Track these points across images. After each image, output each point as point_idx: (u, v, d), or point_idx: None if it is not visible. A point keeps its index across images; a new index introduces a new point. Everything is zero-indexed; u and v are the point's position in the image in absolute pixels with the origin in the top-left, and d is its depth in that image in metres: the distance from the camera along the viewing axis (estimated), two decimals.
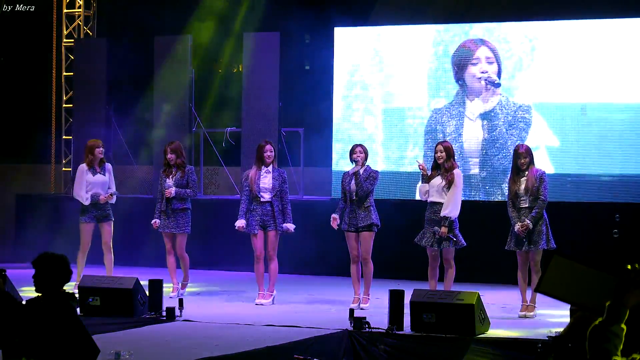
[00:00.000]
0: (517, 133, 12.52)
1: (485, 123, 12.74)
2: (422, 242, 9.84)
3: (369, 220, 9.96)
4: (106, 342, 7.58)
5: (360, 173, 10.03)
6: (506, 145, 12.48)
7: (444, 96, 12.97)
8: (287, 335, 8.25)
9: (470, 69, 12.79)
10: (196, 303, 10.19)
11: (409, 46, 13.19)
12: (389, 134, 13.11)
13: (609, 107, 12.22)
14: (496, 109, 12.67)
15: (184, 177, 10.72)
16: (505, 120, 12.62)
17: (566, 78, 12.40)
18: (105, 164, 11.12)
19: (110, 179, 11.12)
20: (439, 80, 13.02)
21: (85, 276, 9.81)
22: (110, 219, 11.09)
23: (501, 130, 12.63)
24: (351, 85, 13.43)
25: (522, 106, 12.55)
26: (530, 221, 9.46)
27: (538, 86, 12.52)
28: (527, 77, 12.60)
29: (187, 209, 10.75)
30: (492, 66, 12.71)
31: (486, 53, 12.75)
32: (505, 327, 8.83)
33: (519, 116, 12.55)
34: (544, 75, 12.50)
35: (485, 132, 12.72)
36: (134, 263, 13.14)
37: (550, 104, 12.48)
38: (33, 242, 14.46)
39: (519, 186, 9.60)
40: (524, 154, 9.64)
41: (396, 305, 8.46)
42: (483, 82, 12.68)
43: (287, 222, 10.24)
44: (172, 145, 10.86)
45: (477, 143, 12.75)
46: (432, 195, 9.81)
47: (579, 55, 12.36)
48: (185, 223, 10.72)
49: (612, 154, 12.21)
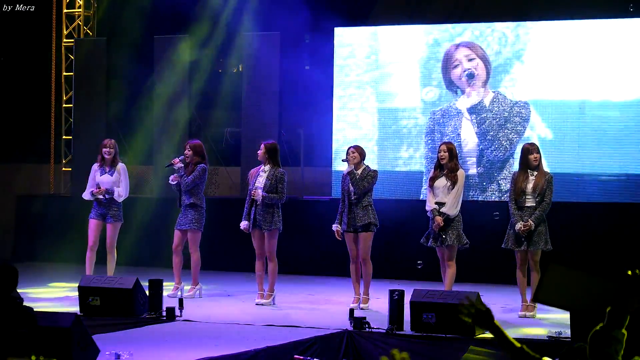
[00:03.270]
0: (512, 127, 12.53)
1: (478, 120, 12.75)
2: (428, 243, 9.84)
3: (367, 220, 9.93)
4: (106, 342, 7.60)
5: (356, 173, 10.02)
6: (500, 142, 12.49)
7: (442, 96, 12.99)
8: (287, 335, 8.26)
9: (454, 72, 12.87)
10: (196, 303, 10.19)
11: (409, 46, 13.20)
12: (389, 133, 13.11)
13: (607, 104, 12.24)
14: (491, 105, 12.68)
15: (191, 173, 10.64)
16: (501, 117, 12.64)
17: (564, 76, 12.42)
18: (118, 164, 11.01)
19: (120, 179, 10.90)
20: (440, 80, 13.03)
21: (85, 276, 9.81)
22: (115, 220, 10.87)
23: (496, 127, 12.64)
24: (351, 85, 13.44)
25: (518, 102, 12.59)
26: (533, 222, 9.45)
27: (535, 83, 12.54)
28: (523, 74, 12.61)
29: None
30: (473, 62, 12.77)
31: (465, 52, 12.82)
32: (505, 327, 8.80)
33: (515, 112, 12.58)
34: (540, 73, 12.52)
35: (479, 130, 12.73)
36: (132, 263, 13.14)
37: (548, 101, 12.50)
38: (33, 242, 14.49)
39: (526, 184, 9.57)
40: (536, 149, 9.63)
41: (396, 305, 8.46)
42: (464, 78, 12.75)
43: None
44: (191, 142, 10.85)
45: (473, 142, 12.77)
46: (437, 195, 9.81)
47: (576, 53, 12.39)
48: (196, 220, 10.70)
49: (611, 153, 12.22)
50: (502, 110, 12.66)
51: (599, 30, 12.38)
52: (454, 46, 12.95)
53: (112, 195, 10.84)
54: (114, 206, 10.89)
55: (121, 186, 10.90)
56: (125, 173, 10.98)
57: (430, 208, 9.79)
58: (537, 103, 12.53)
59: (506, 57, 12.77)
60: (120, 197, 10.90)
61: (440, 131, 12.89)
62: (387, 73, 13.26)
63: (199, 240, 10.67)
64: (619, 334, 2.82)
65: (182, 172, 10.54)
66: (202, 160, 10.65)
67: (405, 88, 13.17)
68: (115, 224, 10.89)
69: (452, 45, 12.95)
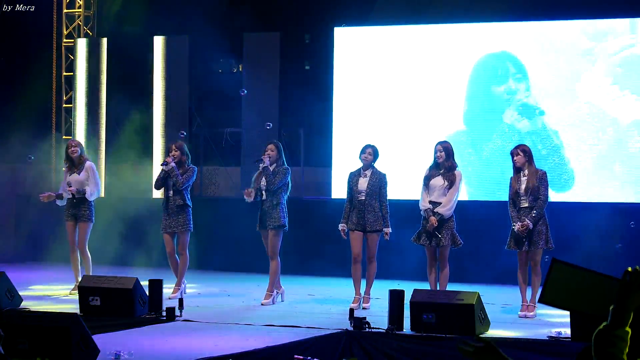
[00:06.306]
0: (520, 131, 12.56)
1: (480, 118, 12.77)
2: (419, 241, 9.84)
3: (378, 227, 9.99)
4: (106, 342, 7.60)
5: (368, 175, 10.04)
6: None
7: (444, 95, 12.99)
8: (287, 335, 8.25)
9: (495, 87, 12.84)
10: (196, 303, 10.19)
11: (409, 46, 13.20)
12: (388, 133, 13.11)
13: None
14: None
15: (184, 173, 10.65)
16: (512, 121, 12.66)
17: (563, 76, 12.43)
18: (86, 162, 11.04)
19: (88, 177, 10.97)
20: (439, 80, 13.04)
21: (85, 276, 9.80)
22: (86, 219, 10.93)
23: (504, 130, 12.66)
24: (351, 85, 13.44)
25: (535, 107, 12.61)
26: (530, 221, 9.45)
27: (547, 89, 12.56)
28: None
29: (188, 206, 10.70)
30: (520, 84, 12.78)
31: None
32: (505, 327, 8.83)
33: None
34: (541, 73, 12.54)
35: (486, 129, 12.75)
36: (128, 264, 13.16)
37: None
38: (33, 242, 14.49)
39: (519, 185, 9.60)
40: (518, 152, 9.64)
41: (396, 305, 8.46)
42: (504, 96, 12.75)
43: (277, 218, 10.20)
44: (177, 143, 10.86)
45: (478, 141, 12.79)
46: (432, 194, 9.80)
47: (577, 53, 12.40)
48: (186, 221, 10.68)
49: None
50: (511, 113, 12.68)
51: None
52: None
53: (83, 195, 10.89)
54: (85, 206, 10.94)
55: (90, 184, 10.96)
56: (94, 171, 11.04)
57: (425, 208, 9.79)
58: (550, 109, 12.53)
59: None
60: (92, 195, 10.96)
61: (439, 132, 12.87)
62: (387, 73, 13.26)
63: (188, 241, 10.69)
64: (622, 333, 2.81)
65: (177, 171, 10.55)
66: (188, 159, 10.69)
67: (406, 88, 13.16)
68: (86, 223, 10.95)
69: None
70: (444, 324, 8.22)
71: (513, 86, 12.74)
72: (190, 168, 10.63)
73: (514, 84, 12.73)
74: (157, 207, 13.79)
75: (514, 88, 12.74)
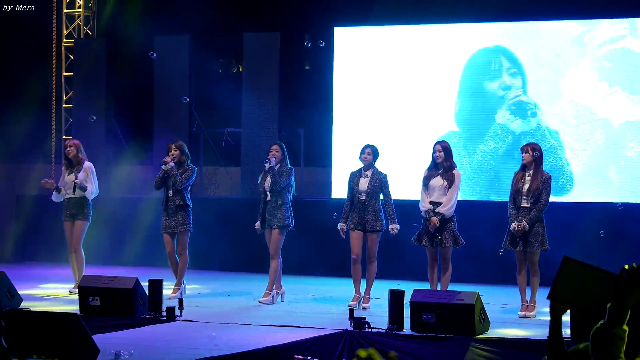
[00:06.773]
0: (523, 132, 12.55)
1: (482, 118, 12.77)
2: (420, 242, 9.83)
3: (379, 227, 9.99)
4: (106, 342, 7.59)
5: (369, 175, 10.04)
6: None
7: (444, 96, 12.99)
8: (287, 335, 8.25)
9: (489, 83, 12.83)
10: (196, 303, 10.19)
11: (409, 46, 13.20)
12: (388, 133, 13.11)
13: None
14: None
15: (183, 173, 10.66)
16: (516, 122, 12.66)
17: (564, 76, 12.43)
18: (84, 162, 11.06)
19: (86, 177, 10.98)
20: (439, 80, 13.03)
21: (85, 276, 9.79)
22: (82, 218, 10.97)
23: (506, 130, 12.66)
24: (351, 85, 13.44)
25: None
26: (527, 223, 9.43)
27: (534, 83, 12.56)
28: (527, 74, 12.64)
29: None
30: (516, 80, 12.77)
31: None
32: (505, 327, 8.83)
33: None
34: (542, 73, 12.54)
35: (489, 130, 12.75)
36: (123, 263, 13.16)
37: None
38: (33, 242, 14.49)
39: (522, 184, 9.56)
40: (527, 149, 9.58)
41: (396, 305, 8.46)
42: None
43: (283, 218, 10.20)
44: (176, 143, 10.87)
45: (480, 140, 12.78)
46: (432, 195, 9.79)
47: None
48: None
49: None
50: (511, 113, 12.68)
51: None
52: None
53: (85, 190, 10.91)
54: (82, 205, 10.98)
55: (88, 184, 10.98)
56: (92, 171, 11.07)
57: (425, 208, 9.78)
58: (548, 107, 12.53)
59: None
60: (91, 195, 11.00)
61: (438, 132, 12.88)
62: (387, 73, 13.26)
63: (188, 241, 10.68)
64: (619, 331, 2.81)
65: (176, 171, 10.54)
66: (187, 159, 10.69)
67: (406, 88, 13.16)
68: (83, 222, 10.99)
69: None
70: (444, 324, 8.22)
71: (508, 82, 12.72)
72: (189, 168, 10.62)
73: (508, 80, 12.71)
74: (157, 207, 13.80)
75: (508, 83, 12.72)
